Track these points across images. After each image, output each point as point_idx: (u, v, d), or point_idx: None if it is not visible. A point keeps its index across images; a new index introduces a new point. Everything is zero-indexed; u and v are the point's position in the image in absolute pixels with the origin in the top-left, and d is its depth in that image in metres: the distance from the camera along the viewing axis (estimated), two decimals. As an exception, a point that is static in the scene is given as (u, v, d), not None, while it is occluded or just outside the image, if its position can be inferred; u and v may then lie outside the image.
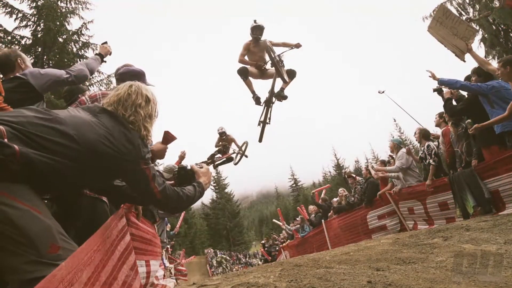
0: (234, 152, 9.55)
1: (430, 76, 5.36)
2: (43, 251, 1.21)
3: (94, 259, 1.31)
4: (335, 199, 10.81)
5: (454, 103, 5.52)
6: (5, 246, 1.17)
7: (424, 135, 6.49)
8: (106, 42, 3.71)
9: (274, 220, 17.31)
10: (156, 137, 3.02)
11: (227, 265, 18.45)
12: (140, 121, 1.78)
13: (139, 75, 3.06)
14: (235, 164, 9.52)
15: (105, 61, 3.63)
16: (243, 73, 6.36)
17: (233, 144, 9.93)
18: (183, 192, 1.88)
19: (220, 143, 9.85)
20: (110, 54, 3.69)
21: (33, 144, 1.32)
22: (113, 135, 1.60)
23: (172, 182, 2.27)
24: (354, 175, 9.39)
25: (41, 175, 1.32)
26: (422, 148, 6.40)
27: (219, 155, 9.64)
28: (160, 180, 1.77)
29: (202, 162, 7.64)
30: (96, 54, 3.60)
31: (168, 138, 2.98)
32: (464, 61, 5.07)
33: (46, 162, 1.32)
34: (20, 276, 1.15)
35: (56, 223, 1.35)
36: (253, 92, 6.53)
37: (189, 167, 2.23)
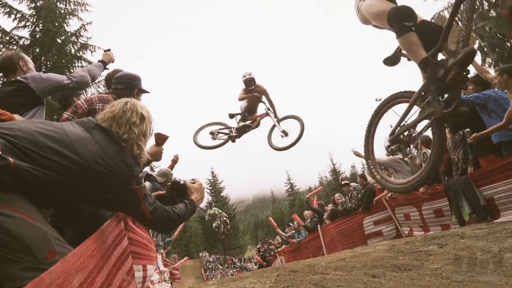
0: (267, 114, 7.05)
1: None
2: (41, 258, 1.22)
3: (88, 264, 1.29)
4: (329, 206, 10.76)
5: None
6: (1, 254, 1.17)
7: (424, 142, 6.54)
8: (109, 50, 3.71)
9: (270, 218, 17.14)
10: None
11: (222, 219, 15.83)
12: (133, 139, 1.77)
13: (135, 79, 3.07)
14: (279, 149, 6.99)
15: (108, 69, 3.64)
16: (411, 17, 2.81)
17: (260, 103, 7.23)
18: (173, 211, 1.86)
19: (246, 95, 7.15)
20: (113, 61, 3.69)
21: (26, 159, 1.33)
22: (107, 153, 1.59)
23: (164, 192, 2.26)
24: (348, 182, 9.42)
25: (33, 188, 1.33)
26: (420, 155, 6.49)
27: (249, 123, 7.11)
28: (151, 200, 1.77)
29: (223, 130, 7.16)
30: (99, 61, 3.60)
31: (160, 139, 2.98)
32: None
33: (38, 176, 1.34)
34: (18, 283, 1.14)
35: (52, 228, 1.36)
36: (424, 58, 2.73)
37: (182, 182, 2.21)
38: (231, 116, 7.41)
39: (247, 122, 7.09)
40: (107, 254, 1.67)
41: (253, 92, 7.00)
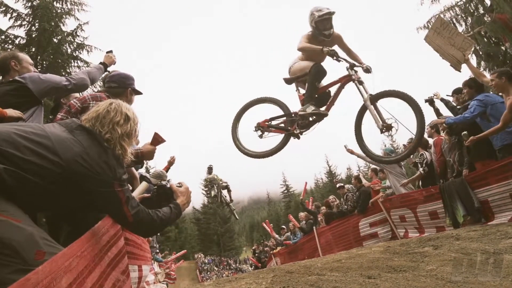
0: (350, 78, 4.27)
1: (438, 123, 5.53)
2: (29, 259, 1.21)
3: (78, 265, 1.28)
4: (322, 209, 10.74)
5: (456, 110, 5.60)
6: None
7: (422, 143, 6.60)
8: (111, 51, 3.64)
9: (263, 224, 17.12)
10: (146, 138, 3.02)
11: (220, 185, 14.44)
12: (116, 139, 1.75)
13: (128, 78, 3.10)
14: (383, 162, 4.82)
15: (109, 71, 3.55)
16: None
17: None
18: (157, 215, 1.82)
19: (313, 46, 4.25)
20: (114, 63, 3.63)
21: (3, 161, 1.32)
22: (88, 154, 1.57)
23: (149, 195, 2.24)
24: (342, 185, 9.45)
25: (15, 192, 1.32)
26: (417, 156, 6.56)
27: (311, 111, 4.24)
28: (134, 203, 1.73)
29: (277, 121, 4.51)
30: (100, 63, 3.54)
31: (157, 139, 2.96)
32: (460, 71, 5.13)
33: (17, 179, 1.32)
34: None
35: (39, 229, 1.34)
36: None
37: (168, 186, 2.19)
38: (289, 81, 4.58)
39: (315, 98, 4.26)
40: (100, 255, 1.66)
41: (326, 41, 4.23)
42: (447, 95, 5.95)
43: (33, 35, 13.70)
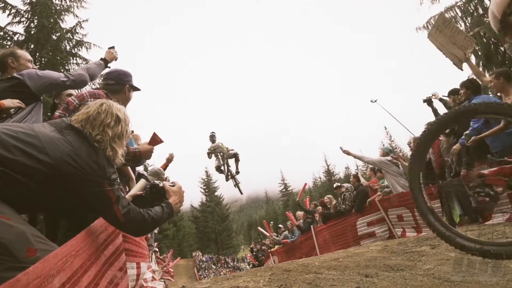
0: None
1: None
2: (21, 257, 1.21)
3: (72, 264, 1.28)
4: (319, 208, 10.71)
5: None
6: None
7: None
8: (113, 47, 3.58)
9: (259, 228, 17.14)
10: (145, 138, 3.00)
11: (226, 154, 13.33)
12: (107, 141, 1.73)
13: (126, 75, 3.04)
14: None
15: (109, 67, 3.49)
16: None
17: None
18: (149, 214, 1.80)
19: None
20: (115, 59, 3.58)
21: None
22: (77, 153, 1.55)
23: (142, 192, 2.23)
24: (340, 184, 9.45)
25: (5, 193, 1.31)
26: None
27: None
28: (125, 203, 1.71)
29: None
30: (101, 59, 3.49)
31: (155, 139, 2.96)
32: (462, 69, 5.13)
33: (6, 180, 1.31)
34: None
35: (30, 226, 1.34)
36: None
37: (161, 185, 2.16)
38: None
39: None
40: (97, 254, 1.65)
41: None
42: (443, 96, 5.97)
43: (32, 32, 13.66)
